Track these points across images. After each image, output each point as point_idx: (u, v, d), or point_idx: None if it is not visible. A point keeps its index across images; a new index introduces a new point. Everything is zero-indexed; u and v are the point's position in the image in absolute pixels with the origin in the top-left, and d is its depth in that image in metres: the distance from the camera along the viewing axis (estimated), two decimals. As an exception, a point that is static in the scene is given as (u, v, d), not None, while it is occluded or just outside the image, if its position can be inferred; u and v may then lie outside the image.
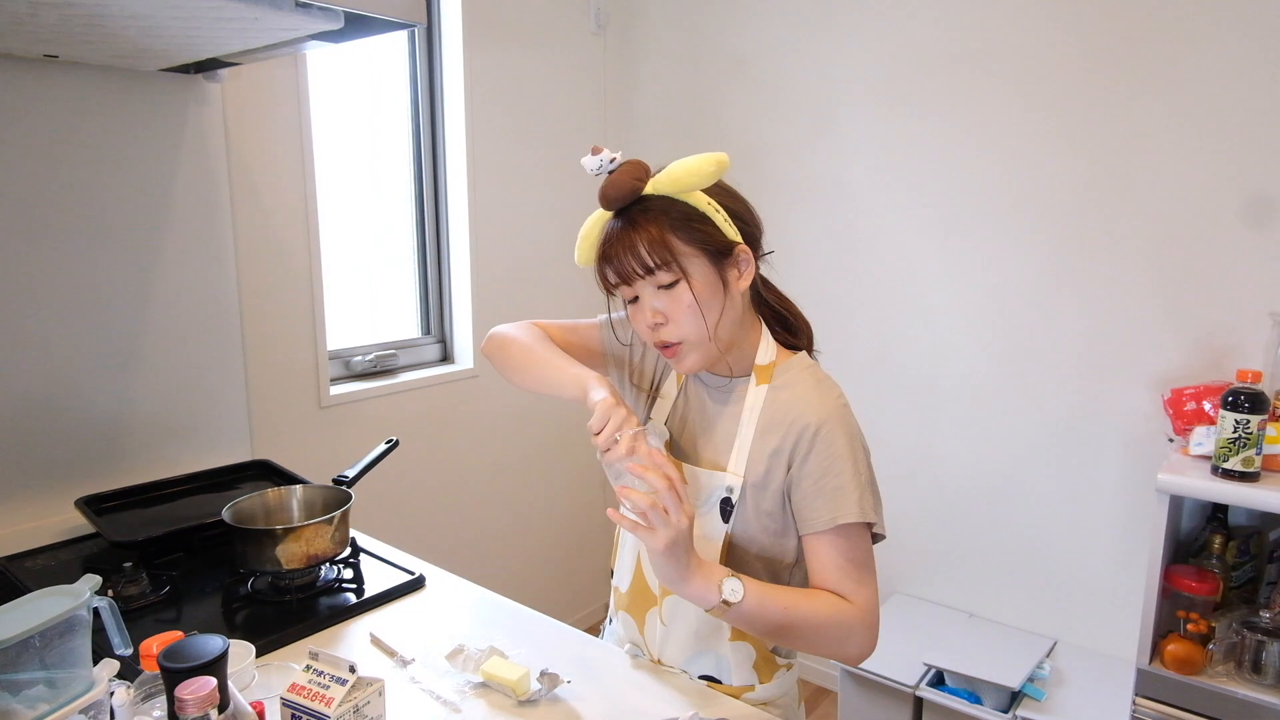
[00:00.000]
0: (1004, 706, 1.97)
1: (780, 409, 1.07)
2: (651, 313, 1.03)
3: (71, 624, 0.86)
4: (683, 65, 2.67)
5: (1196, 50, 1.84)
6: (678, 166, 1.03)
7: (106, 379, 1.64)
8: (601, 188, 1.05)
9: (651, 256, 1.01)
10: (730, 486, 1.07)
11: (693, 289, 1.02)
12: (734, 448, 1.08)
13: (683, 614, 1.11)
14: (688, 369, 1.08)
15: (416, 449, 2.31)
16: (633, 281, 1.03)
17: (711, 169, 1.03)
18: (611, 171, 1.05)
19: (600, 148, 1.06)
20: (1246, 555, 1.80)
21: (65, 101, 1.53)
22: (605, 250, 1.04)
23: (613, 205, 1.05)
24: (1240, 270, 1.85)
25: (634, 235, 1.01)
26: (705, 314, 1.03)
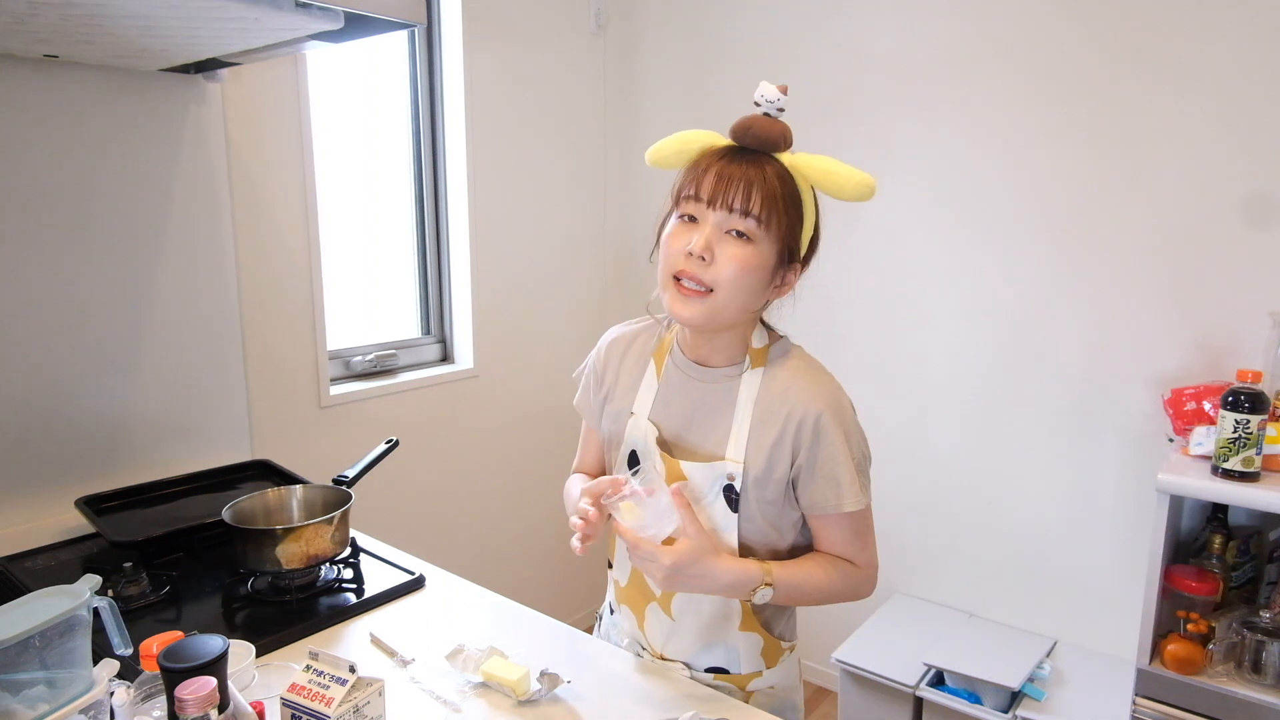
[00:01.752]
0: (1004, 706, 1.97)
1: (777, 398, 1.07)
2: (704, 244, 0.99)
3: (71, 624, 0.86)
4: (683, 65, 2.67)
5: (1196, 51, 1.84)
6: (829, 160, 1.03)
7: (106, 379, 1.64)
8: (753, 119, 1.03)
9: (760, 205, 0.99)
10: (732, 474, 1.06)
11: (757, 258, 1.01)
12: (731, 435, 1.07)
13: (693, 608, 1.11)
14: (687, 315, 1.02)
15: (416, 449, 2.31)
16: (717, 208, 1.00)
17: (856, 185, 1.02)
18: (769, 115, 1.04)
19: (786, 88, 1.05)
20: (1246, 555, 1.80)
21: (65, 101, 1.53)
22: (715, 164, 1.01)
23: (746, 139, 1.03)
24: (1240, 270, 1.85)
25: (758, 177, 1.00)
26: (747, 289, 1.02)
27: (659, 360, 1.16)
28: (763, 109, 1.03)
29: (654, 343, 1.19)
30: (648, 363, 1.17)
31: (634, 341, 1.21)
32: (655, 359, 1.17)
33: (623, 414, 1.17)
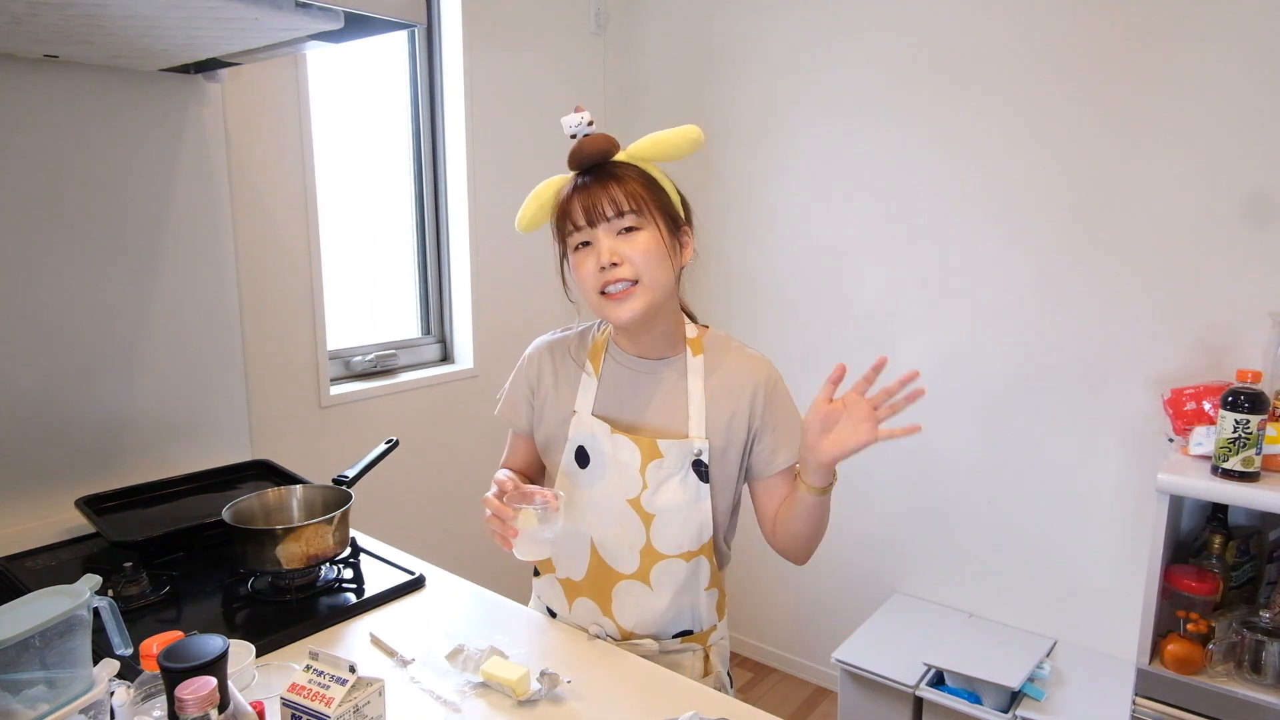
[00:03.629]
0: (1004, 706, 1.97)
1: (725, 377, 1.18)
2: (609, 253, 1.09)
3: (71, 624, 0.86)
4: (683, 65, 2.67)
5: (1196, 51, 1.84)
6: (655, 135, 1.13)
7: (106, 379, 1.64)
8: (576, 145, 1.13)
9: (626, 200, 1.09)
10: (699, 449, 1.16)
11: (652, 238, 1.11)
12: (689, 415, 1.17)
13: (671, 574, 1.19)
14: (629, 315, 1.11)
15: (416, 449, 2.31)
16: (597, 223, 1.10)
17: (689, 141, 1.12)
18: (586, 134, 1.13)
19: (583, 108, 1.14)
20: (1246, 555, 1.80)
21: (65, 101, 1.53)
22: (574, 195, 1.12)
23: (584, 163, 1.13)
24: (1240, 270, 1.85)
25: (607, 182, 1.10)
26: (660, 264, 1.12)
27: (594, 360, 1.24)
28: (578, 134, 1.13)
29: (586, 344, 1.27)
30: (583, 364, 1.25)
31: (564, 346, 1.29)
32: (591, 359, 1.25)
33: (563, 416, 1.24)
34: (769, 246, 2.54)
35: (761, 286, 2.58)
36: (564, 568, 1.25)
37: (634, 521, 1.18)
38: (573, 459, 1.22)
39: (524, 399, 1.30)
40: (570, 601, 1.25)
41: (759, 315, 2.59)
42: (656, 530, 1.17)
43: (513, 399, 1.31)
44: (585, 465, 1.21)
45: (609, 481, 1.19)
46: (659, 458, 1.15)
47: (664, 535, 1.17)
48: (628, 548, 1.19)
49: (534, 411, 1.29)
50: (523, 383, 1.30)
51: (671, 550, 1.18)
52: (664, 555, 1.18)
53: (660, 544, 1.18)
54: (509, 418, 1.32)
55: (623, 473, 1.17)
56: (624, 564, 1.19)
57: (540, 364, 1.29)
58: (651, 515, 1.16)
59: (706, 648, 1.24)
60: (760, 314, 2.59)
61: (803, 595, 2.66)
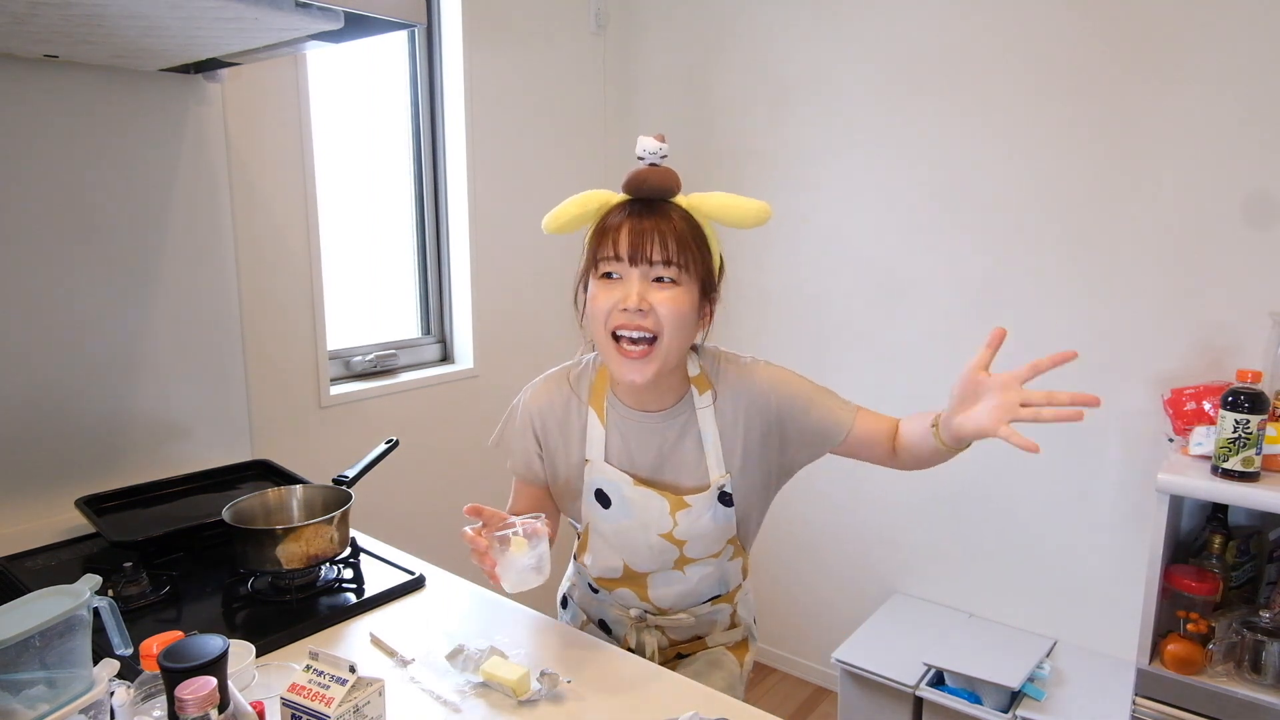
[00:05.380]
0: (1004, 706, 1.97)
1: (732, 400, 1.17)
2: (638, 297, 1.05)
3: (71, 624, 0.86)
4: (683, 65, 2.67)
5: (1196, 50, 1.84)
6: (723, 196, 1.09)
7: (106, 379, 1.64)
8: (645, 172, 1.09)
9: (677, 251, 1.05)
10: (721, 485, 1.17)
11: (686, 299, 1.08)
12: (707, 456, 1.16)
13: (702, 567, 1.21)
14: (640, 379, 1.08)
15: (416, 449, 2.31)
16: (637, 263, 1.05)
17: (754, 214, 1.08)
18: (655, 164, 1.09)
19: (664, 137, 1.10)
20: (1246, 555, 1.80)
21: (65, 101, 1.53)
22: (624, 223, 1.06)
23: (643, 192, 1.09)
24: (1240, 270, 1.85)
25: (664, 225, 1.06)
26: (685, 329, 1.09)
27: (597, 407, 1.21)
28: (647, 160, 1.09)
29: (585, 390, 1.23)
30: (585, 411, 1.21)
31: (562, 394, 1.24)
32: (593, 406, 1.21)
33: (575, 463, 1.22)
34: (767, 247, 2.54)
35: (761, 287, 2.57)
36: (599, 570, 1.26)
37: (666, 546, 1.19)
38: (593, 501, 1.21)
39: (533, 453, 1.26)
40: (611, 590, 1.28)
41: (763, 316, 2.59)
42: (689, 548, 1.20)
43: (522, 454, 1.27)
44: (608, 506, 1.20)
45: (636, 519, 1.19)
46: (687, 508, 1.16)
47: (695, 549, 1.20)
48: (659, 560, 1.21)
49: (543, 463, 1.27)
50: (529, 437, 1.26)
51: (702, 555, 1.21)
52: (695, 560, 1.21)
53: (693, 554, 1.21)
54: (522, 474, 1.29)
55: (649, 515, 1.18)
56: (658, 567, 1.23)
57: (543, 416, 1.25)
58: (684, 541, 1.19)
59: (734, 604, 1.31)
60: (763, 313, 2.59)
61: (803, 595, 2.66)
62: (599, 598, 1.31)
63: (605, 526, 1.22)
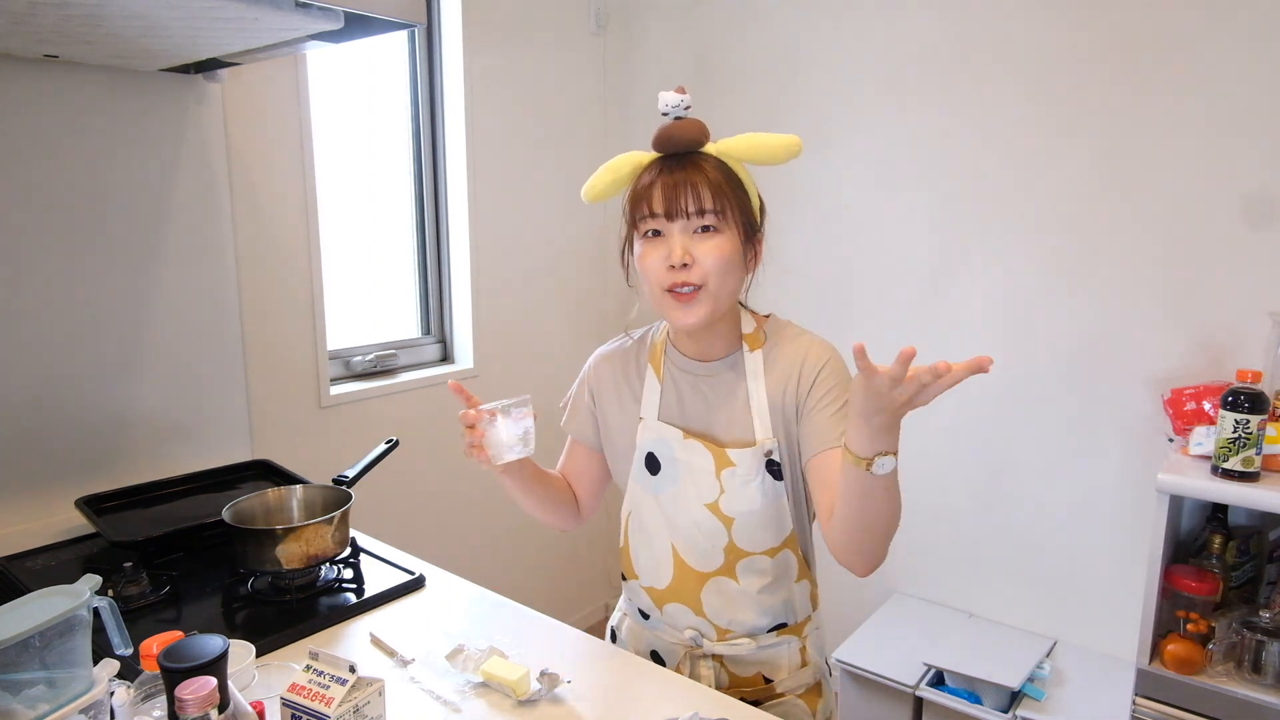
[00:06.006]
0: (1004, 706, 1.97)
1: (781, 366, 1.13)
2: (682, 251, 1.05)
3: (71, 624, 0.86)
4: (683, 65, 2.67)
5: (1196, 50, 1.84)
6: (751, 136, 1.07)
7: (106, 379, 1.64)
8: (669, 127, 1.08)
9: (712, 199, 1.04)
10: (769, 449, 1.12)
11: (729, 244, 1.06)
12: (754, 416, 1.13)
13: (757, 570, 1.15)
14: (692, 320, 1.08)
15: (416, 449, 2.31)
16: (675, 217, 1.05)
17: (785, 148, 1.07)
18: (680, 117, 1.08)
19: (685, 89, 1.08)
20: (1246, 555, 1.80)
21: (65, 101, 1.53)
22: (656, 181, 1.06)
23: (671, 147, 1.08)
24: (1240, 270, 1.85)
25: (696, 176, 1.05)
26: (731, 273, 1.07)
27: (655, 364, 1.20)
28: (671, 115, 1.08)
29: (646, 350, 1.23)
30: (645, 368, 1.21)
31: (625, 354, 1.25)
32: (652, 364, 1.21)
33: (629, 422, 1.21)
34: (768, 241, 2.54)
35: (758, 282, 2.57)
36: (648, 576, 1.21)
37: (714, 523, 1.14)
38: (643, 466, 1.19)
39: (587, 410, 1.27)
40: (661, 607, 1.21)
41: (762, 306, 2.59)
42: (738, 531, 1.14)
43: (576, 411, 1.29)
44: (656, 472, 1.18)
45: (683, 487, 1.15)
46: (731, 466, 1.12)
47: (745, 535, 1.14)
48: (710, 548, 1.15)
49: (596, 422, 1.27)
50: (585, 394, 1.27)
51: (755, 548, 1.15)
52: (748, 552, 1.15)
53: (743, 543, 1.14)
54: (574, 430, 1.29)
55: (696, 478, 1.14)
56: (708, 563, 1.16)
57: (600, 373, 1.26)
58: (731, 518, 1.13)
59: (802, 638, 1.22)
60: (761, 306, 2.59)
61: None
62: (649, 624, 1.24)
63: (653, 500, 1.18)
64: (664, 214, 1.06)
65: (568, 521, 1.33)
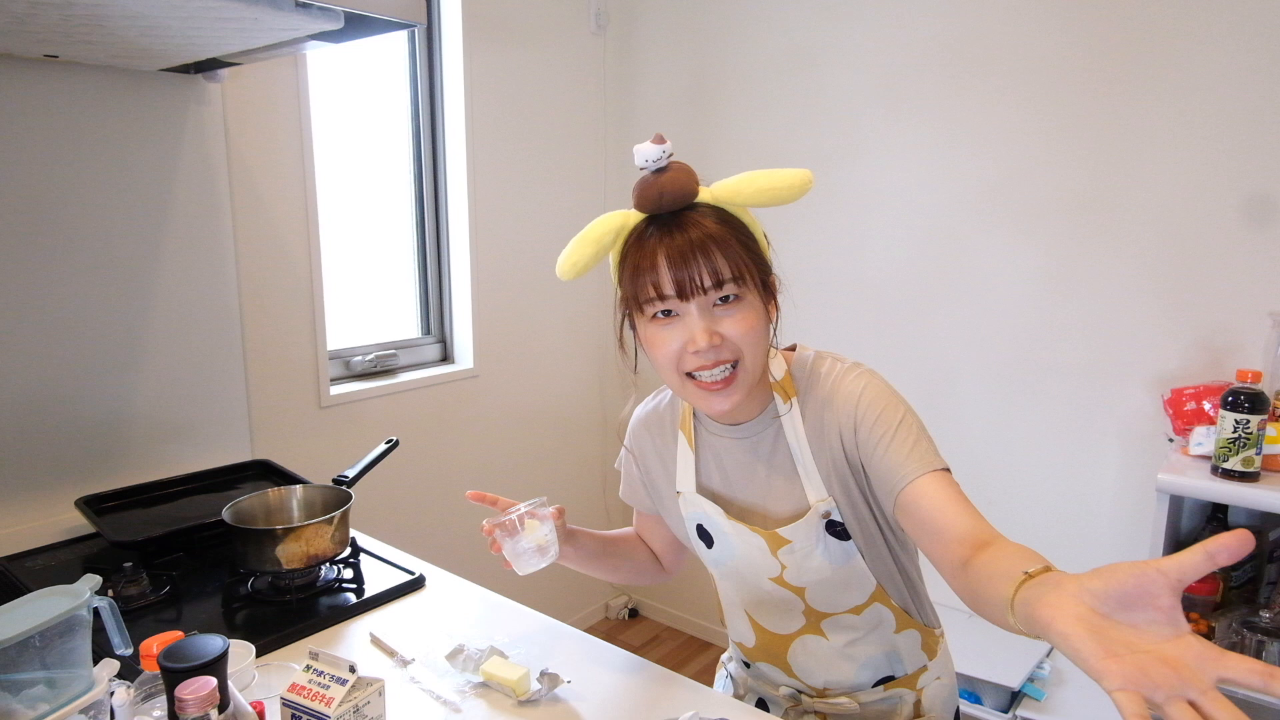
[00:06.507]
0: (1004, 706, 1.97)
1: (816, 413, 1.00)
2: (706, 334, 0.90)
3: (71, 624, 0.86)
4: (683, 65, 2.67)
5: (1196, 51, 1.84)
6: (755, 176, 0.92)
7: (106, 379, 1.64)
8: (654, 184, 0.91)
9: (728, 268, 0.89)
10: (825, 512, 0.99)
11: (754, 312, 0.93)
12: (803, 478, 1.00)
13: (843, 626, 1.06)
14: (730, 405, 0.94)
15: (416, 449, 2.31)
16: (691, 296, 0.90)
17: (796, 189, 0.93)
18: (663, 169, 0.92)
19: (664, 137, 0.92)
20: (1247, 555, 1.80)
21: (65, 101, 1.53)
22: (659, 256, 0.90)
23: (664, 205, 0.92)
24: (1240, 270, 1.85)
25: (706, 239, 0.89)
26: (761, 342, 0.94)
27: (686, 430, 1.10)
28: (653, 168, 0.92)
29: (677, 414, 1.12)
30: (676, 435, 1.11)
31: (659, 420, 1.14)
32: (683, 430, 1.10)
33: (669, 496, 1.12)
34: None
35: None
36: (735, 631, 1.15)
37: (785, 594, 1.05)
38: (696, 538, 1.10)
39: (636, 480, 1.19)
40: (753, 663, 1.16)
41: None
42: (813, 597, 1.04)
43: (627, 479, 1.21)
44: (711, 545, 1.09)
45: (741, 561, 1.06)
46: (787, 544, 1.01)
47: (822, 598, 1.04)
48: (787, 614, 1.07)
49: (647, 490, 1.18)
50: (633, 467, 1.19)
51: (836, 609, 1.05)
52: (830, 614, 1.05)
53: (822, 605, 1.05)
54: (630, 499, 1.23)
55: (753, 556, 1.04)
56: (789, 627, 1.08)
57: (640, 441, 1.16)
58: (802, 588, 1.03)
59: (917, 690, 1.10)
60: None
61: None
62: (751, 673, 1.18)
63: (716, 571, 1.11)
64: (676, 294, 0.90)
65: (652, 579, 1.29)
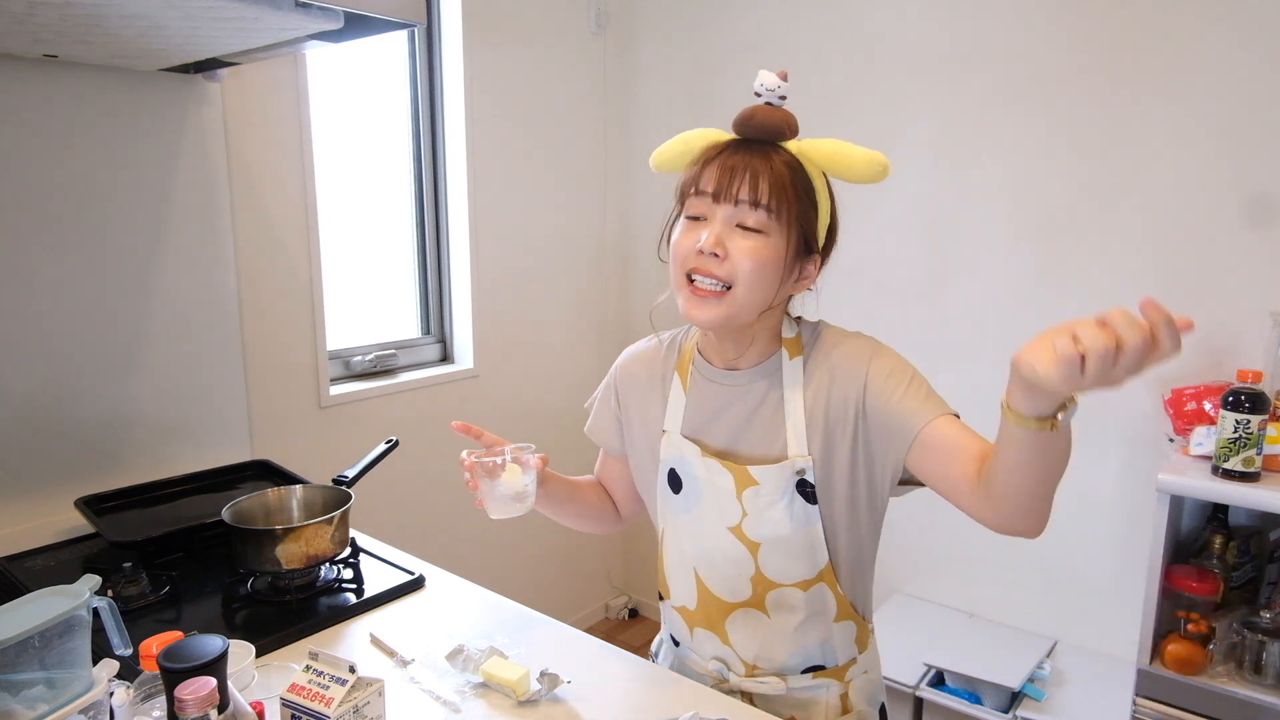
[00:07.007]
0: (1004, 706, 1.97)
1: (820, 375, 1.03)
2: (715, 240, 0.95)
3: (71, 624, 0.86)
4: (683, 65, 2.67)
5: (1196, 51, 1.84)
6: (836, 143, 0.98)
7: (106, 379, 1.64)
8: (754, 109, 0.99)
9: (768, 195, 0.94)
10: (802, 468, 1.01)
11: (771, 251, 0.96)
12: (789, 431, 1.03)
13: (788, 605, 1.06)
14: (704, 318, 0.98)
15: (416, 449, 2.31)
16: (722, 201, 0.95)
17: (870, 167, 0.97)
18: (770, 104, 1.00)
19: (787, 76, 1.00)
20: (1247, 555, 1.80)
21: (65, 101, 1.53)
22: (723, 161, 0.96)
23: (749, 130, 0.99)
24: (1240, 270, 1.85)
25: (764, 167, 0.95)
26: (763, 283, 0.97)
27: (683, 373, 1.11)
28: (764, 98, 1.00)
29: (675, 356, 1.14)
30: (671, 377, 1.13)
31: (652, 358, 1.16)
32: (679, 372, 1.12)
33: (653, 434, 1.13)
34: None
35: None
36: (678, 595, 1.15)
37: (739, 550, 1.05)
38: (666, 483, 1.11)
39: (612, 415, 1.20)
40: (690, 630, 1.15)
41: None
42: (765, 558, 1.05)
43: (600, 416, 1.22)
44: (679, 490, 1.09)
45: (705, 508, 1.07)
46: (754, 485, 1.03)
47: (774, 563, 1.05)
48: (735, 577, 1.07)
49: (622, 431, 1.19)
50: (611, 398, 1.19)
51: (785, 579, 1.05)
52: (778, 584, 1.06)
53: (771, 572, 1.05)
54: (598, 437, 1.23)
55: (719, 499, 1.05)
56: (735, 593, 1.08)
57: (627, 378, 1.17)
58: (757, 543, 1.04)
59: (844, 683, 1.11)
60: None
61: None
62: (679, 652, 1.18)
63: (675, 520, 1.11)
64: (713, 194, 0.96)
65: (606, 529, 1.29)
